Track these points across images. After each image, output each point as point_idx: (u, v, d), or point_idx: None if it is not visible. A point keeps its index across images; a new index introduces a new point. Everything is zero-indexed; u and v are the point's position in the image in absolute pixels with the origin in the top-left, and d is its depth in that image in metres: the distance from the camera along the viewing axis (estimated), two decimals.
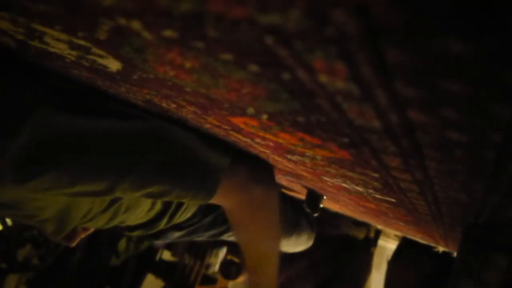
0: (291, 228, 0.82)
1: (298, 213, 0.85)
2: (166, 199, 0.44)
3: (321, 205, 0.83)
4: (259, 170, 0.50)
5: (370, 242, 1.29)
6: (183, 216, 0.63)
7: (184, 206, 0.61)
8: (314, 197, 0.81)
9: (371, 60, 0.11)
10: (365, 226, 1.26)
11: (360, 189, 0.36)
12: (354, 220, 1.18)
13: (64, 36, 0.20)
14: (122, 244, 1.72)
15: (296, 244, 0.87)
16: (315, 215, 0.84)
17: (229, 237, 0.74)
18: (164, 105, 0.30)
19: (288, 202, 0.83)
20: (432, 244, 0.84)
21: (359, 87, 0.13)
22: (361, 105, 0.14)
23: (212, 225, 0.69)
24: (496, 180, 0.18)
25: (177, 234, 0.67)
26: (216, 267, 1.87)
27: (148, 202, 0.55)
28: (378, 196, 0.36)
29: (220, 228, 0.70)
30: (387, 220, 0.64)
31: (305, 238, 0.87)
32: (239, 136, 0.31)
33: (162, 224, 0.61)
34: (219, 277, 1.86)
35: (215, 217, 0.69)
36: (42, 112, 0.34)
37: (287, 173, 0.46)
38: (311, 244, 0.92)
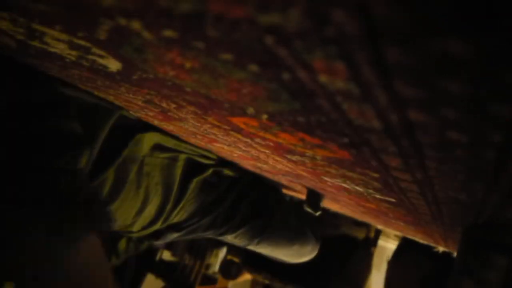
0: (292, 237, 0.79)
1: (303, 222, 0.82)
2: None
3: (322, 205, 0.82)
4: None
5: (370, 242, 1.29)
6: (179, 216, 0.63)
7: (180, 206, 0.61)
8: (314, 196, 0.81)
9: (371, 60, 0.11)
10: (365, 226, 1.26)
11: (360, 189, 0.36)
12: (354, 220, 1.18)
13: (64, 36, 0.20)
14: (122, 244, 1.72)
15: (299, 255, 0.83)
16: (317, 214, 0.83)
17: (232, 239, 0.73)
18: (164, 105, 0.30)
19: (292, 211, 0.81)
20: (432, 244, 0.84)
21: (359, 87, 0.13)
22: (361, 105, 0.14)
23: (211, 226, 0.69)
24: (496, 180, 0.18)
25: (175, 234, 0.66)
26: (216, 267, 1.87)
27: (135, 206, 0.54)
28: (378, 196, 0.36)
29: (219, 230, 0.70)
30: (387, 220, 0.64)
31: (309, 248, 0.84)
32: (239, 136, 0.30)
33: (158, 225, 0.60)
34: (219, 277, 1.85)
35: (214, 218, 0.68)
36: None
37: (287, 173, 0.46)
38: (314, 255, 0.89)
